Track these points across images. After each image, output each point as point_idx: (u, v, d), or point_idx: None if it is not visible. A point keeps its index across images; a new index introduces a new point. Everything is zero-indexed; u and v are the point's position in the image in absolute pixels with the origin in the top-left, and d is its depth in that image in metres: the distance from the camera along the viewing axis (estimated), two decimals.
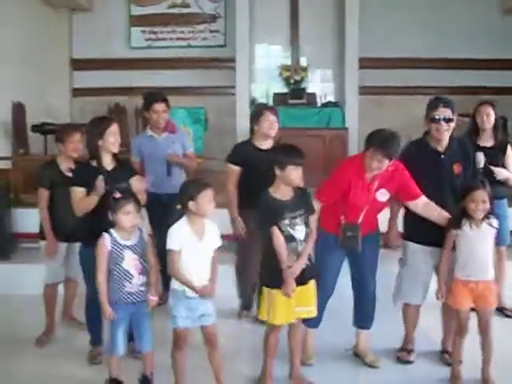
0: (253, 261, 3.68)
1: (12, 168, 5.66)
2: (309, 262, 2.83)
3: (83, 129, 3.43)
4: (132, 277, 2.74)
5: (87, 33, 7.83)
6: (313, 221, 2.89)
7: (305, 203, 2.84)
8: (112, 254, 2.72)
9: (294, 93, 7.22)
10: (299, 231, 2.79)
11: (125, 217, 2.72)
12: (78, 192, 3.05)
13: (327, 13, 7.50)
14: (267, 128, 3.74)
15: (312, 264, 2.85)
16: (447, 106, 3.08)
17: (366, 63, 7.12)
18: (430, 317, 3.31)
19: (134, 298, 2.75)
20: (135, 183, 3.19)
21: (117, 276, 2.73)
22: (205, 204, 2.64)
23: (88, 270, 3.06)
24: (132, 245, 2.76)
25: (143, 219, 3.19)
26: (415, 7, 7.50)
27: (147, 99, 4.08)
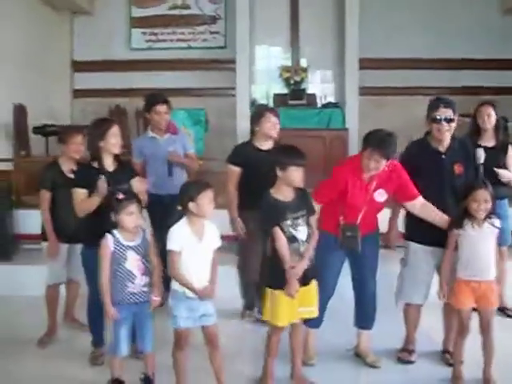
0: (254, 261, 3.69)
1: (14, 170, 5.66)
2: (310, 263, 2.84)
3: (85, 130, 3.45)
4: (135, 277, 2.74)
5: (88, 35, 7.85)
6: (314, 221, 2.89)
7: (306, 204, 2.84)
8: (115, 255, 2.73)
9: (294, 94, 7.22)
10: (301, 232, 2.79)
11: (128, 217, 2.73)
12: (80, 193, 3.07)
13: (327, 14, 7.50)
14: (268, 129, 3.75)
15: (313, 264, 2.85)
16: (448, 107, 3.09)
17: (366, 64, 7.11)
18: (432, 317, 3.32)
19: (137, 299, 2.75)
20: (136, 184, 3.21)
21: (120, 276, 2.73)
22: (205, 205, 2.65)
23: (90, 271, 3.08)
24: (135, 245, 2.77)
25: (145, 220, 3.20)
26: (415, 7, 7.50)
27: (149, 101, 4.09)
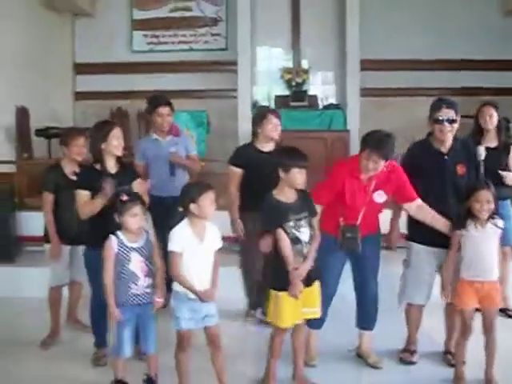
0: (255, 261, 3.71)
1: (16, 172, 5.69)
2: (313, 264, 2.84)
3: (87, 133, 3.46)
4: (138, 279, 2.75)
5: (90, 37, 7.86)
6: (316, 223, 2.90)
7: (308, 205, 2.85)
8: (119, 256, 2.73)
9: (296, 95, 7.22)
10: (304, 233, 2.80)
11: (132, 219, 2.74)
12: (83, 195, 3.08)
13: (328, 15, 7.49)
14: (271, 131, 3.76)
15: (316, 265, 2.86)
16: (450, 107, 3.09)
17: (367, 65, 7.11)
18: (433, 318, 3.33)
19: (140, 300, 2.76)
20: (136, 186, 3.21)
21: (123, 278, 2.74)
22: (206, 206, 2.65)
23: (93, 273, 3.09)
24: (138, 247, 2.78)
25: (147, 221, 3.21)
26: (416, 9, 7.49)
27: (151, 103, 4.09)
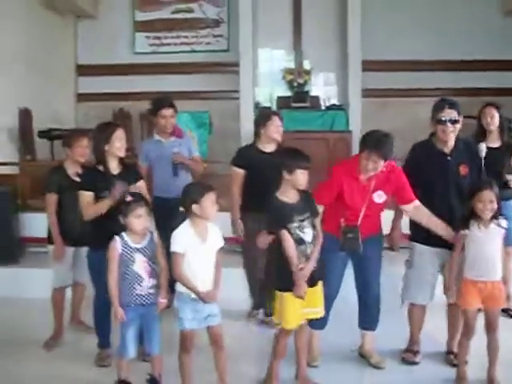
0: (258, 261, 3.73)
1: (19, 173, 5.71)
2: (316, 264, 2.85)
3: (90, 134, 3.47)
4: (142, 279, 2.76)
5: (92, 39, 7.89)
6: (318, 223, 2.91)
7: (310, 206, 2.86)
8: (123, 257, 2.75)
9: (298, 96, 7.23)
10: (307, 234, 2.81)
11: (136, 220, 2.75)
12: (86, 196, 3.09)
13: (330, 16, 7.51)
14: (273, 132, 3.78)
15: (319, 266, 2.87)
16: (453, 108, 3.09)
17: (369, 66, 7.12)
18: (436, 318, 3.33)
19: (144, 301, 2.77)
20: (140, 187, 3.22)
21: (127, 279, 2.75)
22: (208, 207, 2.67)
23: (96, 274, 3.11)
24: (142, 248, 2.79)
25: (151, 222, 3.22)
26: (417, 10, 7.50)
27: (155, 104, 4.10)
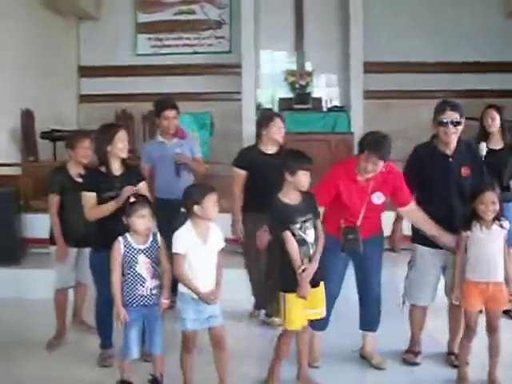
0: (260, 262, 3.74)
1: (22, 174, 5.72)
2: (318, 265, 2.86)
3: (92, 135, 3.49)
4: (145, 280, 2.77)
5: (94, 40, 7.91)
6: (319, 224, 2.92)
7: (312, 207, 2.87)
8: (126, 258, 2.75)
9: (300, 98, 7.24)
10: (310, 235, 2.82)
11: (139, 220, 2.76)
12: (89, 197, 3.09)
13: (331, 18, 7.52)
14: (275, 133, 3.79)
15: (321, 266, 2.88)
16: (455, 110, 3.09)
17: (371, 67, 7.12)
18: (437, 319, 3.33)
19: (146, 301, 2.78)
20: (142, 188, 3.23)
21: (130, 279, 2.76)
22: (209, 208, 2.68)
23: (98, 275, 3.12)
24: (145, 248, 2.80)
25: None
26: (418, 12, 7.49)
27: (158, 106, 4.11)
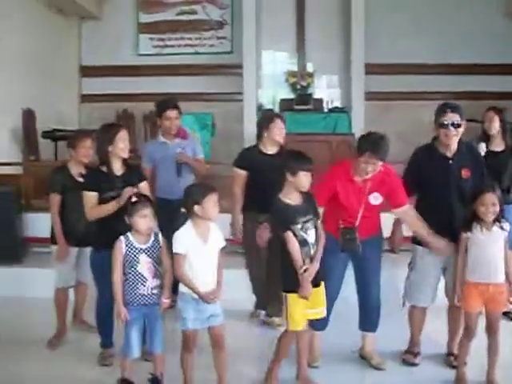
0: (261, 261, 3.75)
1: (23, 174, 5.74)
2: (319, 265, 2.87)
3: (93, 135, 3.50)
4: (146, 280, 2.78)
5: (96, 40, 7.93)
6: (320, 224, 2.93)
7: (313, 207, 2.88)
8: (127, 258, 2.76)
9: (301, 98, 7.25)
10: (311, 235, 2.83)
11: (141, 220, 2.77)
12: (90, 196, 3.10)
13: (333, 19, 7.54)
14: (276, 134, 3.80)
15: (320, 266, 2.88)
16: (455, 111, 3.10)
17: (372, 69, 7.14)
18: (436, 320, 3.33)
19: (147, 301, 2.78)
20: (143, 187, 3.25)
21: (131, 279, 2.77)
22: (210, 208, 2.69)
23: (99, 274, 3.13)
24: (147, 248, 2.81)
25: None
26: (420, 13, 7.50)
27: (160, 106, 4.12)
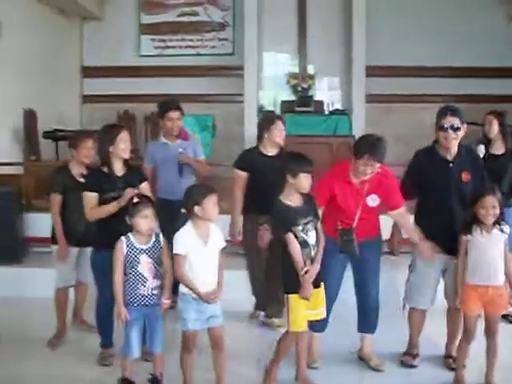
0: (261, 262, 3.76)
1: (24, 174, 5.75)
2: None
3: (95, 135, 3.51)
4: (146, 280, 2.78)
5: (98, 41, 7.95)
6: (320, 226, 2.94)
7: (313, 209, 2.89)
8: (128, 258, 2.77)
9: (302, 100, 7.26)
10: (311, 236, 2.85)
11: (142, 220, 2.78)
12: (91, 197, 3.11)
13: (334, 21, 7.55)
14: (277, 136, 3.82)
15: (321, 268, 2.89)
16: (455, 115, 3.10)
17: (373, 71, 7.15)
18: (435, 322, 3.34)
19: (147, 301, 2.79)
20: (144, 188, 3.26)
21: (132, 279, 2.78)
22: (210, 208, 2.70)
23: (99, 274, 3.14)
24: (147, 249, 2.81)
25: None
26: (421, 16, 7.51)
27: (162, 107, 4.13)
